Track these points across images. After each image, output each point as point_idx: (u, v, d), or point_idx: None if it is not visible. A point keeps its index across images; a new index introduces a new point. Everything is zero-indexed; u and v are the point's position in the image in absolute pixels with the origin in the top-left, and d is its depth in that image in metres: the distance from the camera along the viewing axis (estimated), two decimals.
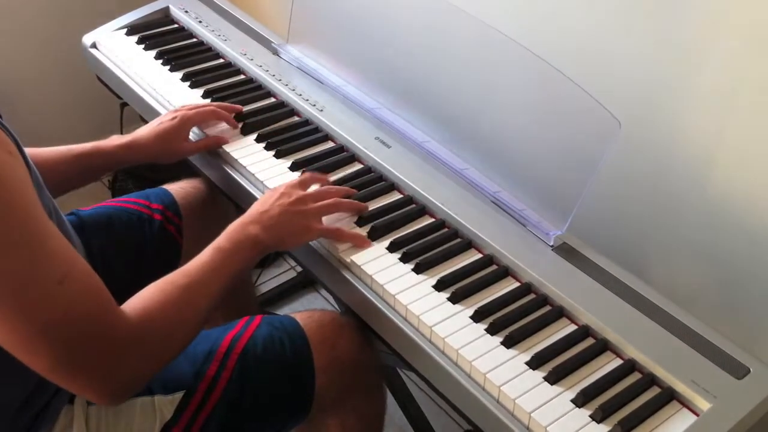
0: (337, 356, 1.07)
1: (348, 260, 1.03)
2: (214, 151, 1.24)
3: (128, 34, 1.51)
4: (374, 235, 1.07)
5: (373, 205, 1.13)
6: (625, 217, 1.29)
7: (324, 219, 1.06)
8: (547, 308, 0.98)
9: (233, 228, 0.99)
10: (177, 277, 0.91)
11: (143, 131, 1.21)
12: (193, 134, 1.25)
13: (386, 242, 1.05)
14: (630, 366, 0.90)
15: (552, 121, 1.07)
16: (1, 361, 0.79)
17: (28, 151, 0.99)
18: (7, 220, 0.73)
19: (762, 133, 1.08)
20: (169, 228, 1.25)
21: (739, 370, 0.88)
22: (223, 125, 1.26)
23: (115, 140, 1.19)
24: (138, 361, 0.84)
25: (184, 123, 1.21)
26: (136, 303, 0.86)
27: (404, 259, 1.03)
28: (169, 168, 1.27)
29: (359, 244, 1.05)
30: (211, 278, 0.93)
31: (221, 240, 0.97)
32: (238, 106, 1.30)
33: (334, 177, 1.17)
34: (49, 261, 0.76)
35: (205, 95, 1.35)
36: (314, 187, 1.10)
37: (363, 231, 1.07)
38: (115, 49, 1.47)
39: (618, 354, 0.92)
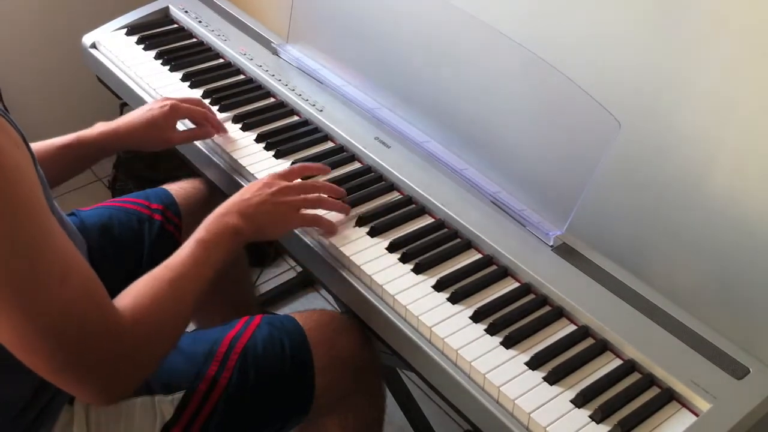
0: (337, 356, 1.07)
1: (346, 257, 1.03)
2: (214, 150, 1.24)
3: (128, 34, 1.51)
4: (373, 235, 1.07)
5: (373, 205, 1.13)
6: (624, 217, 1.29)
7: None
8: (547, 308, 0.98)
9: (212, 219, 0.98)
10: (162, 272, 0.90)
11: (130, 117, 1.20)
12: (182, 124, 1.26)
13: (386, 242, 1.05)
14: (629, 366, 0.91)
15: (552, 121, 1.07)
16: (9, 361, 0.79)
17: None
18: (13, 217, 0.73)
19: (762, 133, 1.08)
20: (168, 228, 1.25)
21: (738, 371, 0.88)
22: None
23: (99, 127, 1.18)
24: (134, 358, 0.84)
25: (174, 111, 1.21)
26: (126, 301, 0.86)
27: (404, 260, 1.03)
28: (168, 168, 1.27)
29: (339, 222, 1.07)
30: (194, 271, 0.92)
31: (201, 232, 0.96)
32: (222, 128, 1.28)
33: (333, 176, 1.17)
34: (51, 260, 0.76)
35: (204, 95, 1.35)
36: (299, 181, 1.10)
37: (362, 231, 1.07)
38: (115, 49, 1.47)
39: (618, 354, 0.92)
